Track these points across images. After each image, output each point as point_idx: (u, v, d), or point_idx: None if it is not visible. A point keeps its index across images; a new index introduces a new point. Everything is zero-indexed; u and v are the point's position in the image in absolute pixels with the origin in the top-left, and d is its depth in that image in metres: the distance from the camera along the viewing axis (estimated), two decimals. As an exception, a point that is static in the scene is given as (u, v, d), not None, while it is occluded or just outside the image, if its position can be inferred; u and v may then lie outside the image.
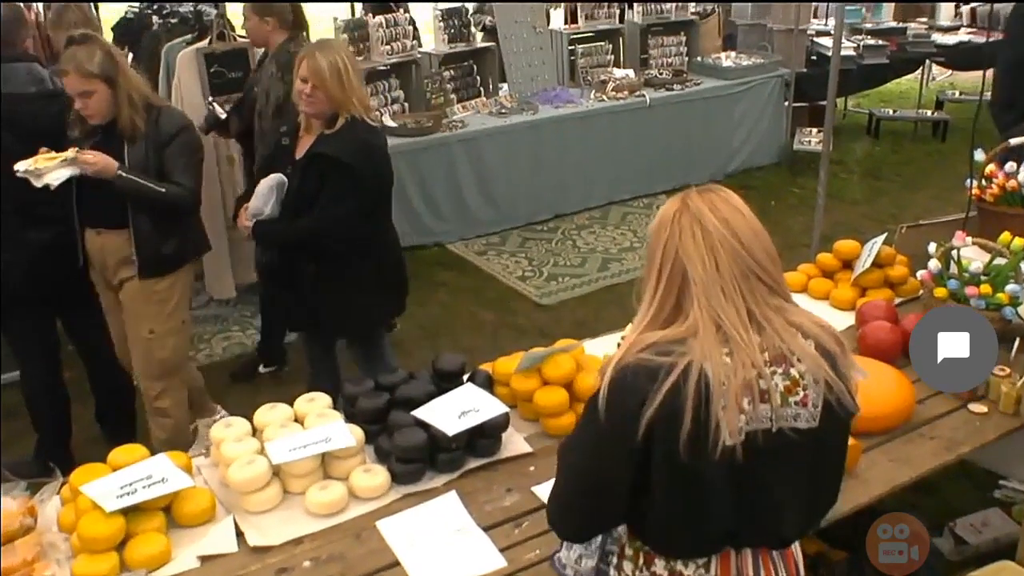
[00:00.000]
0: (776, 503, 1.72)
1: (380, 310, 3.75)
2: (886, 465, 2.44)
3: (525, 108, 6.81)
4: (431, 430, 2.40)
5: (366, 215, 3.39)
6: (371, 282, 3.50)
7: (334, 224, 3.32)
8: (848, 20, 8.68)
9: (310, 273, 3.41)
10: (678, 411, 1.57)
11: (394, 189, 5.93)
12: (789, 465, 1.69)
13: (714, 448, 1.58)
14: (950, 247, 3.02)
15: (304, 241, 3.38)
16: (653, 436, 1.60)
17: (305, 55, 3.27)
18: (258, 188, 3.38)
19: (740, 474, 1.63)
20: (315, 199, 3.30)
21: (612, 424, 1.63)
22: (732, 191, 1.74)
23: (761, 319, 1.65)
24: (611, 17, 7.79)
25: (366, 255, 3.46)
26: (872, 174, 8.02)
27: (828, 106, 4.99)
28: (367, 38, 6.46)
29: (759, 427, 1.63)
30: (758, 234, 1.68)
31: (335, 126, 3.29)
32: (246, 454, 2.33)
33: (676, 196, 1.74)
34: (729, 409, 1.58)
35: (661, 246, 1.69)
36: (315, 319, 3.56)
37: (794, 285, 3.44)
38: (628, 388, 1.61)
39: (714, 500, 1.66)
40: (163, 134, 3.36)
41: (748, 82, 7.67)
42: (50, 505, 2.27)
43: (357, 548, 2.16)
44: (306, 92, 3.24)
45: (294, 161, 3.40)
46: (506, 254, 6.34)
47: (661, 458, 1.62)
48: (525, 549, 2.14)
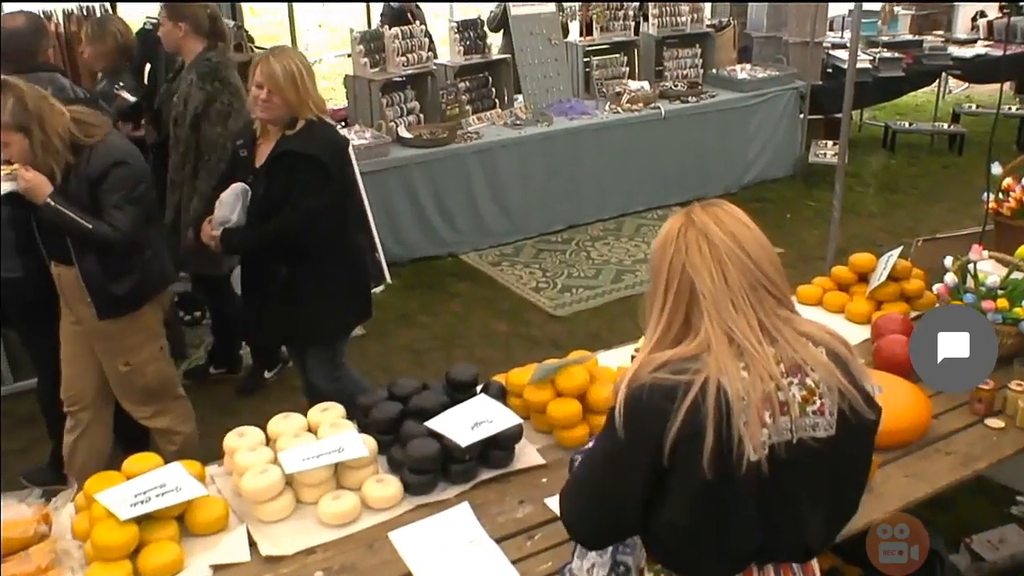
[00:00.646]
0: (800, 515, 1.70)
1: (352, 315, 3.73)
2: (901, 480, 2.42)
3: (540, 120, 6.82)
4: (444, 441, 2.40)
5: (336, 212, 3.39)
6: (342, 287, 3.49)
7: (307, 219, 3.28)
8: (864, 33, 8.67)
9: (283, 277, 3.37)
10: (700, 429, 1.56)
11: (409, 200, 5.94)
12: (811, 475, 1.68)
13: (738, 464, 1.57)
14: (967, 261, 3.00)
15: (277, 242, 3.33)
16: (676, 456, 1.59)
17: (260, 60, 3.26)
18: (222, 197, 3.34)
19: (765, 488, 1.62)
20: (284, 201, 3.27)
21: (631, 443, 1.63)
22: (739, 205, 1.74)
23: (772, 330, 1.64)
24: (627, 29, 7.80)
25: (338, 258, 3.45)
26: (888, 187, 7.98)
27: (844, 119, 4.97)
28: (383, 49, 6.50)
29: (781, 439, 1.62)
30: (764, 247, 1.68)
31: (295, 128, 3.29)
32: (259, 463, 2.34)
33: (680, 212, 1.73)
34: (751, 424, 1.57)
35: (667, 262, 1.68)
36: (291, 327, 3.52)
37: (809, 298, 3.43)
38: (645, 408, 1.60)
39: (740, 517, 1.65)
40: (94, 171, 3.14)
41: (763, 94, 7.66)
42: (64, 512, 2.28)
43: (369, 558, 2.16)
44: (261, 97, 3.22)
45: (255, 170, 3.37)
46: (520, 265, 6.35)
47: (684, 478, 1.60)
48: (537, 561, 2.14)
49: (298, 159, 3.25)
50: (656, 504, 1.67)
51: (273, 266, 3.39)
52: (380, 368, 4.93)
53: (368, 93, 6.47)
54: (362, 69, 6.48)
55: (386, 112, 6.46)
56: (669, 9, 7.87)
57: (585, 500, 1.78)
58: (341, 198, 3.46)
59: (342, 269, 3.48)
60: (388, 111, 6.48)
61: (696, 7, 8.04)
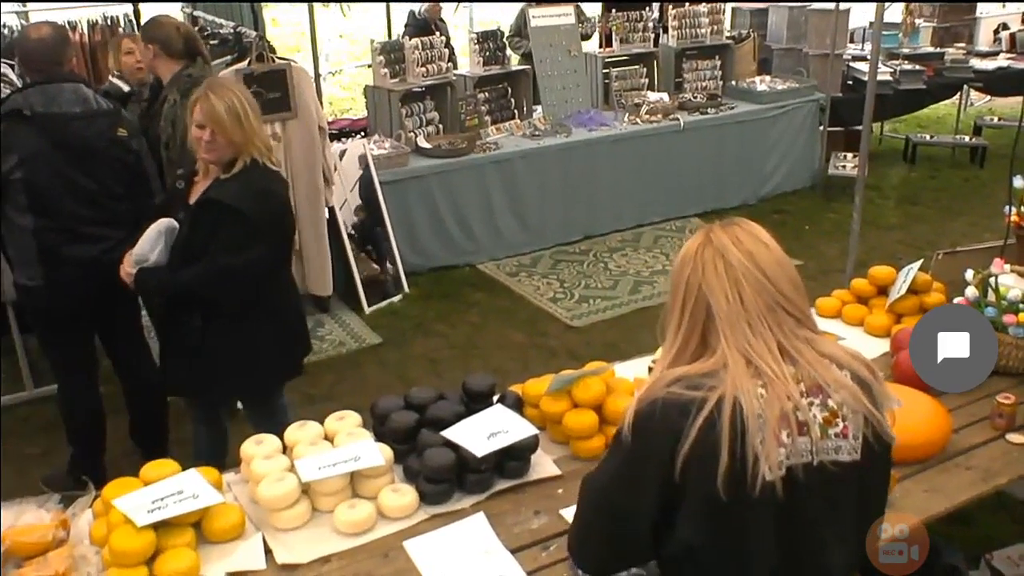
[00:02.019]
0: (821, 541, 1.67)
1: (272, 377, 3.39)
2: (920, 495, 2.39)
3: (559, 131, 6.83)
4: (460, 451, 2.40)
5: (265, 269, 3.12)
6: (269, 337, 3.20)
7: (223, 276, 3.00)
8: (885, 45, 8.64)
9: (194, 330, 3.10)
10: (714, 447, 1.54)
11: (427, 209, 5.92)
12: (833, 501, 1.64)
13: (753, 484, 1.54)
14: (988, 274, 2.98)
15: (188, 293, 3.06)
16: (688, 474, 1.57)
17: (199, 97, 3.01)
18: (146, 233, 3.07)
19: (782, 512, 1.59)
20: (204, 250, 3.00)
21: (641, 459, 1.61)
22: (758, 217, 1.73)
23: (793, 352, 1.62)
24: (646, 41, 7.82)
25: (262, 316, 3.17)
26: (908, 200, 7.94)
27: (864, 131, 4.95)
28: (403, 60, 6.54)
29: (799, 461, 1.59)
30: (783, 265, 1.65)
31: (232, 170, 3.04)
32: (276, 471, 2.34)
33: (699, 231, 1.72)
34: (767, 443, 1.54)
35: (684, 281, 1.68)
36: (206, 380, 3.23)
37: (828, 311, 3.41)
38: (658, 423, 1.59)
39: (755, 540, 1.62)
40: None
41: (783, 106, 7.65)
42: (83, 518, 2.29)
43: (384, 567, 2.16)
44: (205, 138, 2.98)
45: (187, 207, 3.12)
46: (537, 275, 6.35)
47: (698, 497, 1.58)
48: (552, 573, 2.13)
49: (224, 211, 2.98)
50: (669, 524, 1.64)
51: (185, 316, 3.12)
52: (397, 377, 4.94)
53: (388, 103, 6.51)
54: (382, 79, 6.52)
55: (405, 122, 6.49)
56: (689, 20, 7.89)
57: (592, 518, 1.75)
58: (274, 253, 3.15)
59: (267, 328, 3.19)
60: (407, 121, 6.51)
61: (716, 19, 8.04)
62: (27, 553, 2.09)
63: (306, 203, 5.25)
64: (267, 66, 4.99)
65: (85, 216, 3.50)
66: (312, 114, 5.16)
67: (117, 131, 3.58)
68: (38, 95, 3.43)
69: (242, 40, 5.35)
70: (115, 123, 3.59)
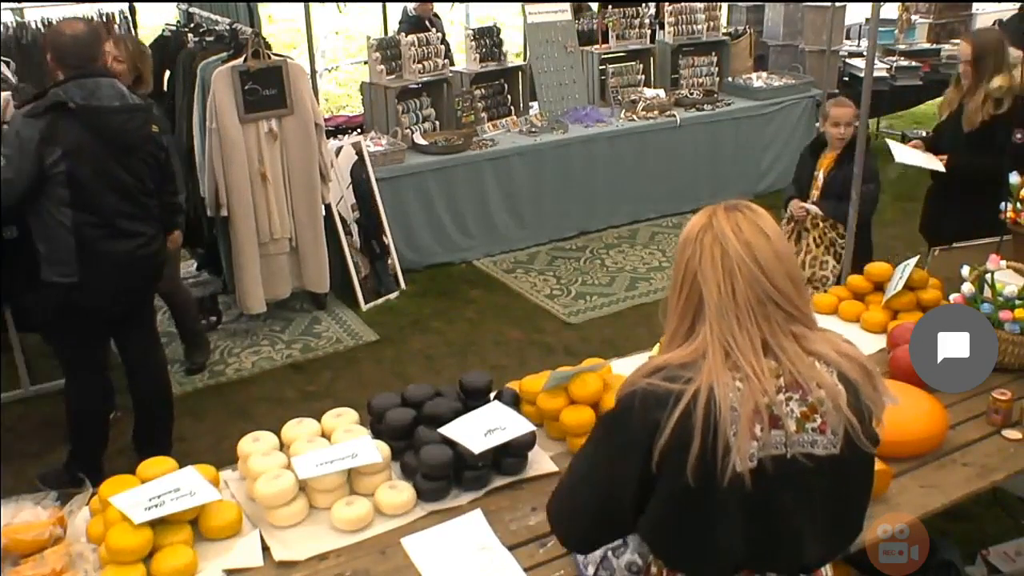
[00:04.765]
0: (793, 530, 1.69)
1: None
2: (917, 491, 2.40)
3: (555, 127, 6.83)
4: (457, 447, 2.40)
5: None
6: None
7: None
8: (881, 41, 8.64)
9: None
10: (688, 438, 1.57)
11: (424, 206, 5.92)
12: (804, 492, 1.66)
13: (723, 474, 1.57)
14: (984, 270, 2.99)
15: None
16: (664, 466, 1.61)
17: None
18: None
19: (750, 501, 1.62)
20: None
21: (619, 446, 1.66)
22: (762, 208, 1.73)
23: (776, 348, 1.63)
24: (642, 37, 7.81)
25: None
26: (904, 196, 7.93)
27: (860, 127, 4.95)
28: (399, 56, 6.53)
29: (770, 453, 1.61)
30: (781, 258, 1.66)
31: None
32: (273, 468, 2.34)
33: (705, 209, 1.74)
34: (740, 435, 1.57)
35: (684, 263, 1.70)
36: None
37: (824, 307, 3.41)
38: (636, 414, 1.63)
39: (723, 527, 1.65)
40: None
41: (779, 103, 7.65)
42: (80, 516, 2.29)
43: (382, 564, 2.16)
44: None
45: None
46: (534, 272, 6.35)
47: (671, 484, 1.62)
48: (550, 569, 2.13)
49: None
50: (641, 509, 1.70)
51: None
52: (394, 374, 4.94)
53: (384, 100, 6.50)
54: (378, 76, 6.51)
55: (402, 119, 6.49)
56: (685, 17, 7.88)
57: (573, 500, 1.81)
58: None
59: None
60: (404, 118, 6.51)
61: (712, 15, 8.03)
62: (24, 551, 2.09)
63: (303, 200, 5.25)
64: (263, 63, 4.98)
65: (124, 211, 3.51)
66: (308, 111, 5.15)
67: (151, 127, 3.60)
68: (77, 89, 3.39)
69: (238, 37, 5.31)
70: (149, 119, 3.61)
